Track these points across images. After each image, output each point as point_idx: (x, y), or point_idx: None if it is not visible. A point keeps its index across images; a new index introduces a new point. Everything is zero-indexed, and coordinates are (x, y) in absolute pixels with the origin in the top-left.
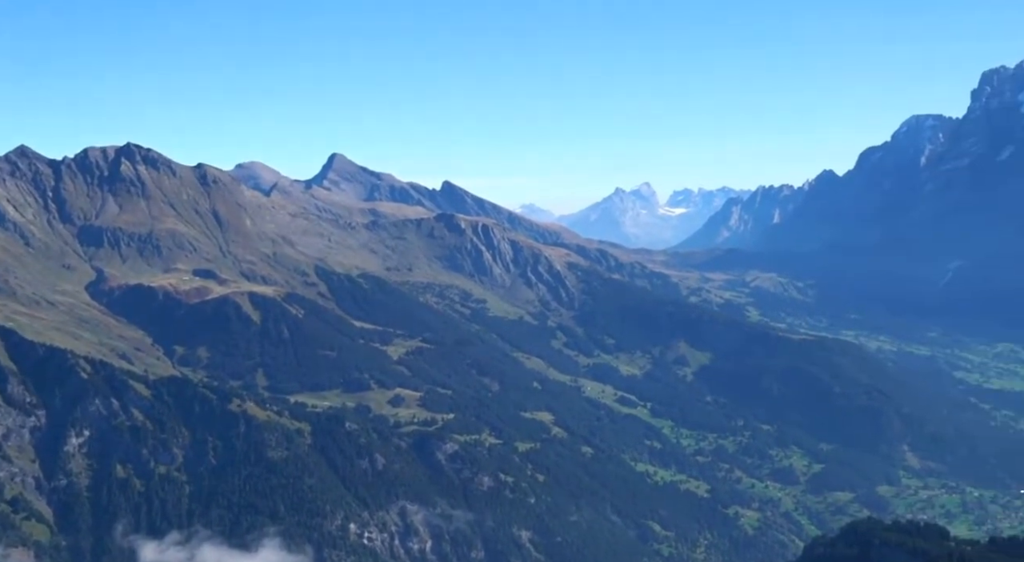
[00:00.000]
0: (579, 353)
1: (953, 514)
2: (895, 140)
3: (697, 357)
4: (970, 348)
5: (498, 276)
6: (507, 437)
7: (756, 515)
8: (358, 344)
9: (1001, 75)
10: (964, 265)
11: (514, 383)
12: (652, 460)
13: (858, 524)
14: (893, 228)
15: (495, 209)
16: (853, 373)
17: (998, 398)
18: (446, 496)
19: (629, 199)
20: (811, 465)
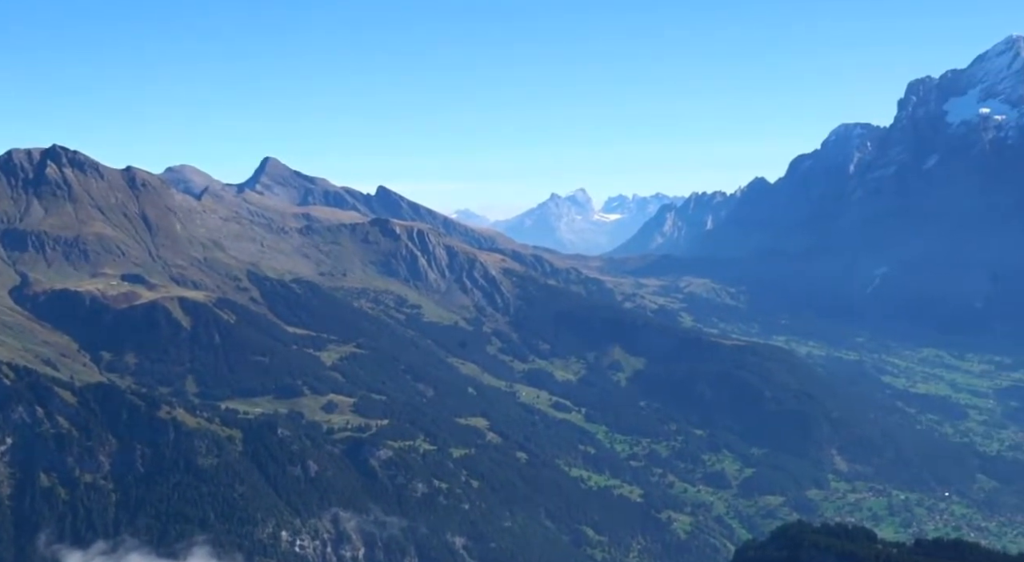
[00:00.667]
0: (514, 358)
1: (880, 517)
2: (824, 148)
3: (631, 362)
4: (897, 353)
5: (433, 281)
6: (442, 443)
7: (688, 519)
8: (291, 350)
9: (926, 85)
10: (891, 271)
11: (449, 389)
12: (586, 465)
13: (788, 527)
14: (823, 234)
15: (430, 214)
16: (783, 378)
17: (923, 402)
18: (380, 503)
19: (564, 205)
20: (743, 469)
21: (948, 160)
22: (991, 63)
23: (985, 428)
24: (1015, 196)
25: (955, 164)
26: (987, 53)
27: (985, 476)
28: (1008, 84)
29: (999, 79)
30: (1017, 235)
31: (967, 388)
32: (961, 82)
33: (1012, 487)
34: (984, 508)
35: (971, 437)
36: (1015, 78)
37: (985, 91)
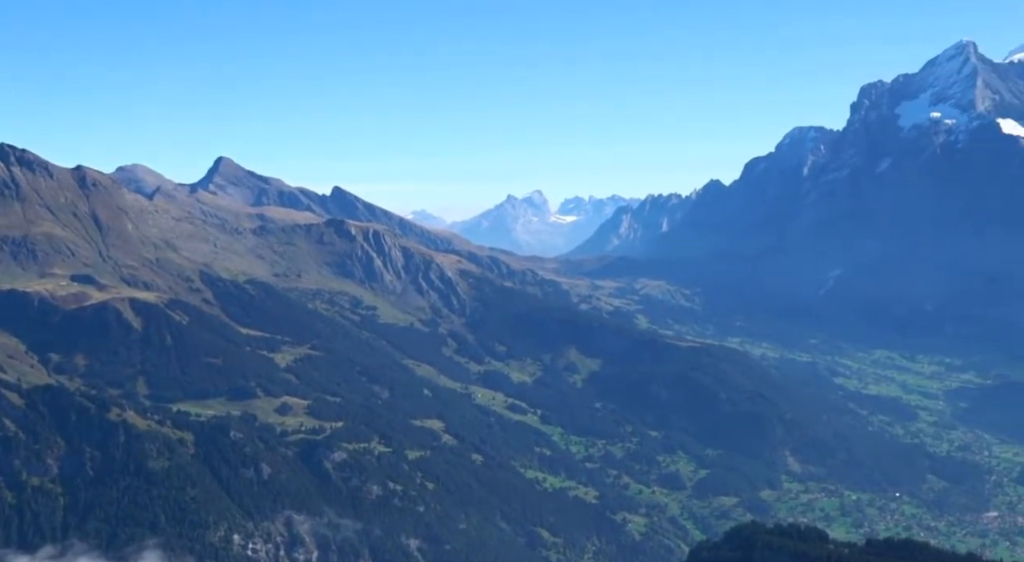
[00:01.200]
0: (470, 360)
1: (832, 517)
2: (779, 150)
3: (587, 364)
4: (849, 354)
5: (389, 283)
6: (397, 445)
7: (643, 521)
8: (244, 351)
9: (879, 89)
10: (844, 273)
11: (404, 391)
12: (542, 467)
13: (741, 528)
14: (777, 237)
15: (386, 215)
16: (738, 379)
17: (875, 403)
18: (334, 505)
19: (521, 206)
20: (697, 470)
21: (900, 163)
22: (942, 68)
23: (935, 429)
24: (965, 199)
25: (907, 167)
26: (938, 58)
27: (935, 476)
28: (958, 89)
29: (949, 84)
30: (967, 238)
31: (918, 389)
32: (912, 86)
33: (961, 487)
34: (934, 508)
35: (921, 438)
36: (965, 83)
37: (936, 95)
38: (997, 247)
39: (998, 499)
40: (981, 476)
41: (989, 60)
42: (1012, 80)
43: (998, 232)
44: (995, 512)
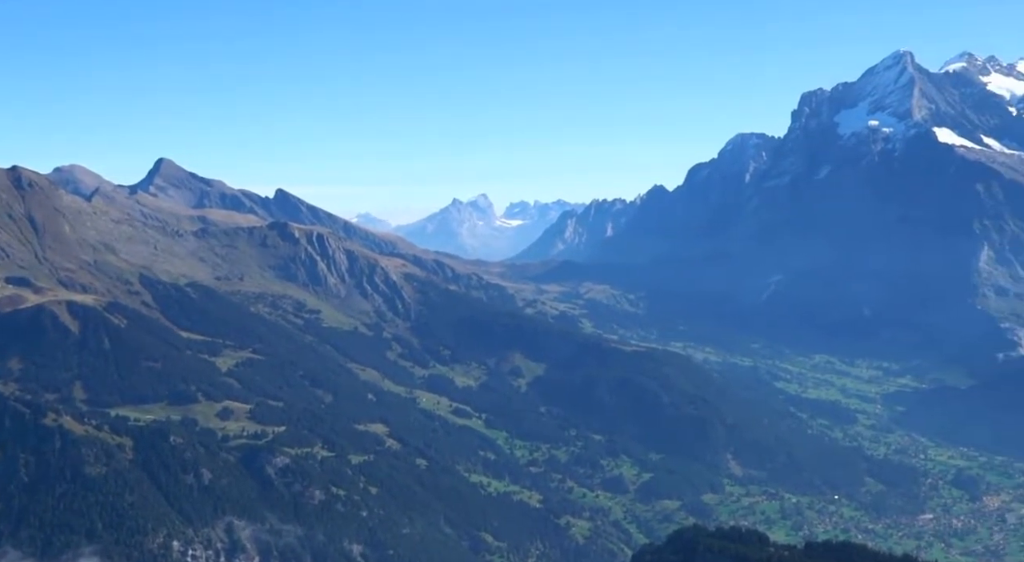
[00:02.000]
0: (415, 364)
1: (773, 520)
2: (721, 157)
3: (532, 368)
4: (790, 359)
5: (333, 286)
6: (340, 450)
7: (587, 524)
8: (185, 355)
9: (819, 97)
10: (784, 279)
11: (348, 395)
12: (486, 471)
13: (684, 531)
14: (720, 242)
15: (330, 218)
16: (681, 384)
17: (815, 407)
18: (276, 511)
19: (466, 210)
20: (641, 474)
21: (839, 171)
22: (880, 77)
23: (873, 432)
24: (902, 206)
25: (846, 175)
26: (876, 67)
27: (872, 479)
28: (895, 98)
29: (887, 93)
30: (903, 244)
31: (856, 393)
32: (851, 95)
33: (898, 490)
34: (871, 510)
35: (859, 441)
36: (902, 92)
37: (874, 104)
38: (932, 253)
39: (933, 501)
40: (917, 479)
41: (925, 70)
42: (947, 90)
43: (933, 239)
44: (930, 514)
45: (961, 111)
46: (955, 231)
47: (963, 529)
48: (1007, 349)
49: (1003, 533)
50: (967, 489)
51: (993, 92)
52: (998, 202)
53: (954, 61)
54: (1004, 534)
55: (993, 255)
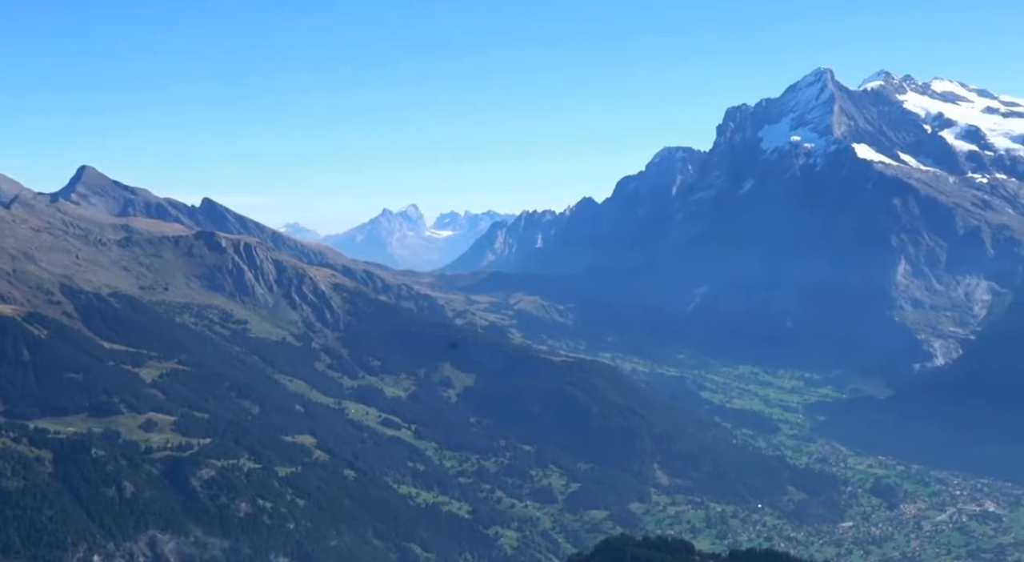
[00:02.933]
0: (343, 375)
1: (698, 529)
2: (649, 170)
3: (462, 379)
4: (715, 369)
5: (260, 296)
6: (267, 461)
7: (515, 535)
8: (107, 366)
9: (743, 112)
10: (710, 290)
11: (275, 406)
12: (415, 482)
13: (611, 541)
14: (648, 254)
15: (258, 228)
16: (609, 394)
17: (739, 417)
18: (201, 524)
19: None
20: (569, 484)
21: (763, 184)
22: (802, 93)
23: (795, 442)
24: (822, 220)
25: (769, 188)
26: (798, 84)
27: (794, 488)
28: (816, 114)
29: (809, 109)
30: (824, 257)
31: (779, 403)
32: (774, 111)
33: (819, 498)
34: (793, 518)
35: (782, 450)
36: (823, 109)
37: (796, 120)
38: (852, 266)
39: (853, 510)
40: (837, 487)
41: (845, 87)
42: (866, 107)
43: (853, 252)
44: (850, 522)
45: (879, 128)
46: (873, 245)
47: (881, 536)
48: (923, 360)
49: (919, 540)
50: (885, 497)
51: (909, 110)
52: (914, 217)
53: (872, 79)
54: (920, 541)
55: (909, 268)
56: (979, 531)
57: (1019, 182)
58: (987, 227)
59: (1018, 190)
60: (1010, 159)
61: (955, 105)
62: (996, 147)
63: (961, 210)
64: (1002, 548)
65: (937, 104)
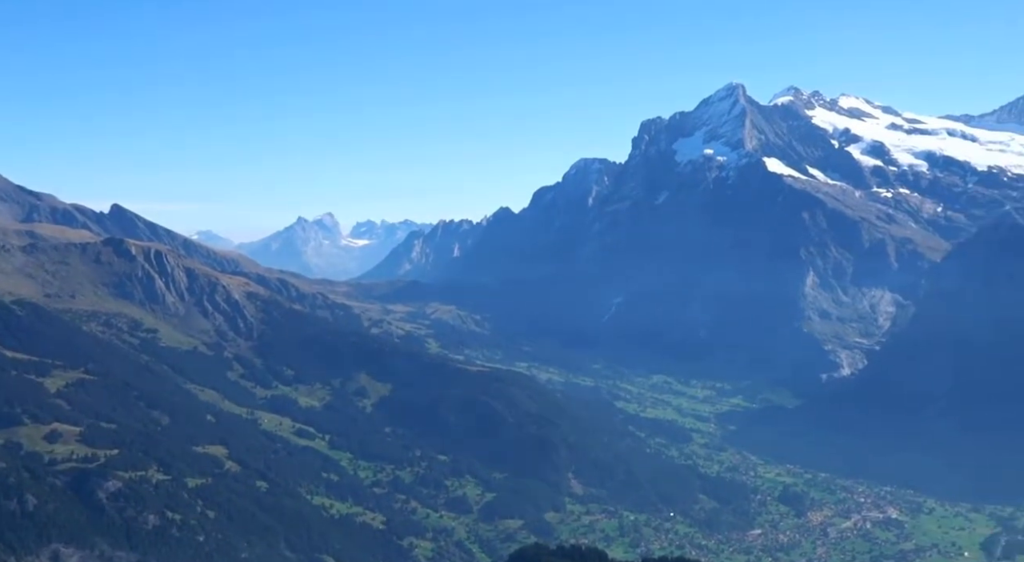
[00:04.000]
0: (256, 385)
1: (611, 537)
2: (566, 181)
3: (377, 388)
4: (629, 379)
5: (171, 305)
6: (176, 473)
7: (430, 545)
8: (10, 376)
9: (657, 125)
10: (625, 301)
11: (186, 416)
12: (329, 493)
13: (525, 550)
14: (564, 264)
15: (169, 235)
16: (525, 404)
17: (652, 426)
18: (107, 536)
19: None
20: (484, 494)
21: (677, 196)
22: (714, 108)
23: (707, 451)
24: (734, 232)
25: (683, 200)
26: (711, 98)
27: (706, 496)
28: (729, 128)
29: (721, 123)
30: (736, 269)
31: (691, 413)
32: (688, 124)
33: (729, 507)
34: (704, 527)
35: (694, 459)
36: (735, 123)
37: (709, 133)
38: (763, 278)
39: (762, 518)
40: (747, 495)
41: (756, 102)
42: (776, 122)
43: (764, 264)
44: (759, 530)
45: (788, 142)
46: (783, 257)
47: (789, 543)
48: (830, 370)
49: (825, 546)
50: (793, 505)
51: (817, 125)
52: (822, 230)
53: (782, 94)
54: (826, 547)
55: (817, 280)
56: (882, 538)
57: (922, 197)
58: (891, 240)
59: (921, 205)
60: (913, 174)
61: (861, 121)
62: (900, 162)
63: (867, 224)
64: (904, 554)
65: (844, 120)
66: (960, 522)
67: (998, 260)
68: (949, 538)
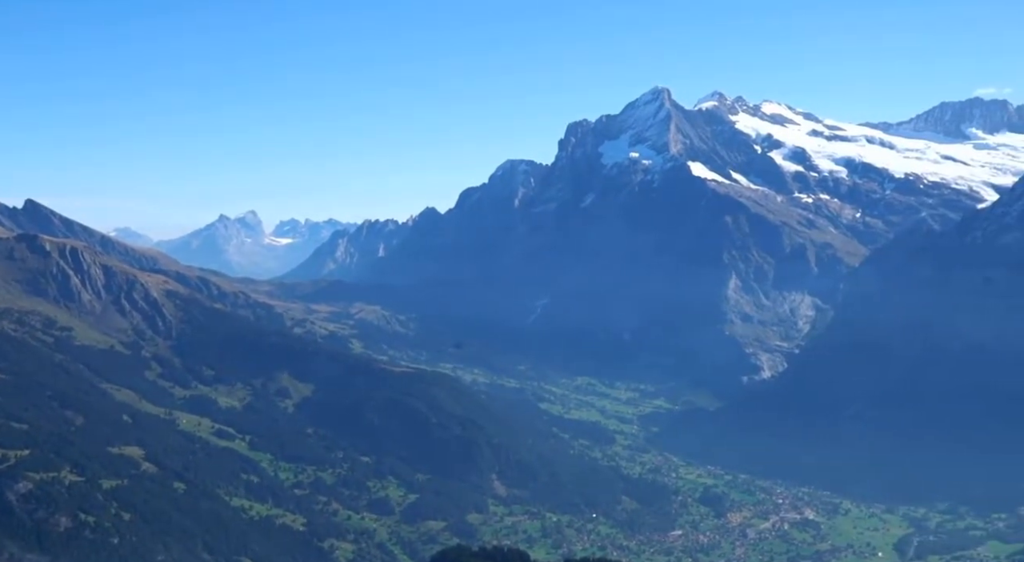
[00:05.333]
0: (175, 384)
1: (534, 539)
2: (492, 182)
3: (300, 389)
4: (554, 381)
5: (87, 303)
6: (90, 474)
7: (351, 547)
8: None
9: (584, 128)
10: (550, 303)
11: (101, 416)
12: (249, 494)
13: (447, 552)
14: (490, 265)
15: (86, 231)
16: (449, 405)
17: (576, 428)
18: (17, 539)
19: (234, 227)
20: (407, 495)
21: (602, 199)
22: (640, 111)
23: (629, 452)
24: (658, 235)
25: (609, 203)
26: (637, 101)
27: (628, 497)
28: (654, 131)
29: (647, 126)
30: (661, 271)
31: (615, 414)
32: (614, 127)
33: (651, 508)
34: (626, 528)
35: (617, 461)
36: (660, 126)
37: (635, 137)
38: (686, 281)
39: (683, 518)
40: (669, 497)
41: (681, 107)
42: (701, 126)
43: (687, 267)
44: (680, 531)
45: (713, 147)
46: (706, 260)
47: (709, 544)
48: (751, 373)
49: (744, 547)
50: (713, 506)
51: (741, 130)
52: (744, 234)
53: (706, 99)
54: (745, 548)
55: (740, 284)
56: (799, 538)
57: (841, 203)
58: (811, 245)
59: (840, 210)
60: (833, 180)
61: (783, 127)
62: (820, 168)
63: (788, 228)
64: (820, 555)
65: (767, 126)
66: (875, 523)
67: (913, 265)
68: (864, 539)
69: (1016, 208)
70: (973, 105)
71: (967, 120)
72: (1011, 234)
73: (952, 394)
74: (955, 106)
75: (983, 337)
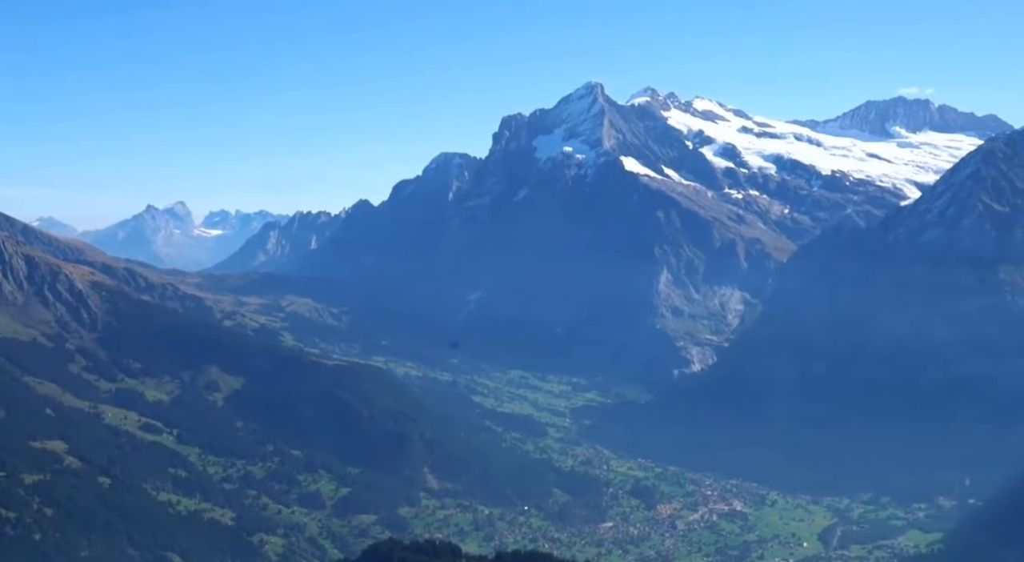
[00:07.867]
0: (100, 378)
1: (466, 532)
2: (426, 175)
3: (229, 382)
4: (487, 374)
5: (9, 294)
6: (12, 469)
7: (281, 541)
8: None
9: (518, 121)
10: (484, 296)
11: (23, 410)
12: (176, 489)
13: (379, 546)
14: (424, 258)
15: (8, 221)
16: (381, 399)
17: (509, 421)
18: None
19: (162, 218)
20: (338, 489)
21: (536, 193)
22: (574, 106)
23: (561, 445)
24: (591, 229)
25: (542, 197)
26: (571, 96)
27: (560, 490)
28: (588, 126)
29: (580, 121)
30: (593, 266)
31: (548, 408)
32: (548, 121)
33: (582, 500)
34: (558, 520)
35: (549, 453)
36: (593, 121)
37: (568, 131)
38: (619, 275)
39: (613, 510)
40: (600, 489)
41: (614, 102)
42: (633, 121)
43: (620, 261)
44: (610, 523)
45: (645, 142)
46: (638, 255)
47: (639, 536)
48: (681, 366)
49: (673, 538)
50: (643, 498)
51: (673, 126)
52: (676, 229)
53: (639, 95)
54: (675, 539)
55: (671, 278)
56: (727, 529)
57: (770, 199)
58: (741, 241)
59: (769, 206)
60: (762, 176)
61: (714, 124)
62: (750, 165)
63: (718, 224)
64: (747, 545)
65: (698, 122)
66: (800, 514)
67: (839, 262)
68: (790, 529)
69: (937, 206)
70: (897, 104)
71: (891, 119)
72: (932, 232)
73: (874, 388)
74: (880, 105)
75: (904, 333)
